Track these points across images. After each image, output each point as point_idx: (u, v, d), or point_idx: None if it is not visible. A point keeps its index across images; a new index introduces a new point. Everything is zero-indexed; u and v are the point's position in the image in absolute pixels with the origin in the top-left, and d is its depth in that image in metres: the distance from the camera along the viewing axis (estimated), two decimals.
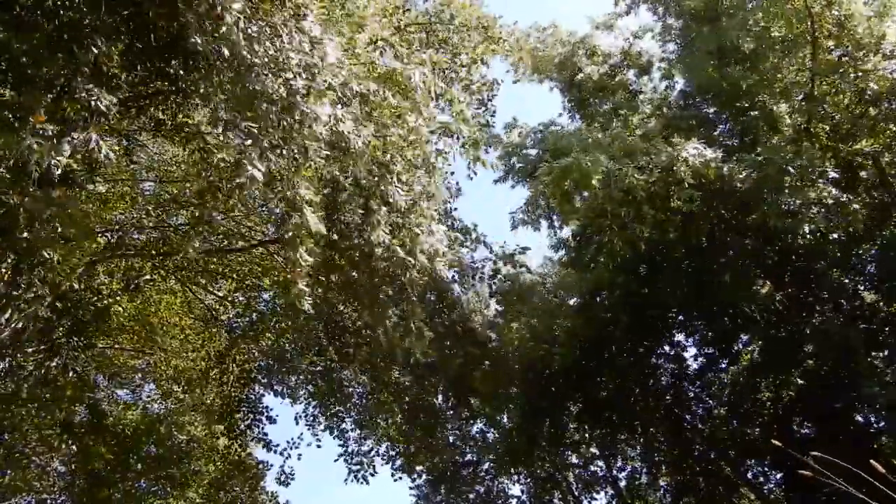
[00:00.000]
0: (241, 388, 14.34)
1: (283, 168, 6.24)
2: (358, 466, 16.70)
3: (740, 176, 11.55)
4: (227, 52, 5.51)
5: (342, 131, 6.41)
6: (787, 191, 11.55)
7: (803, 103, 13.02)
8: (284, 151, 6.14)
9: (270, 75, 5.86)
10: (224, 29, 5.42)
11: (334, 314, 12.46)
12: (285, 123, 6.01)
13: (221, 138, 6.36)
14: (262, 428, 15.02)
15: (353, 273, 8.87)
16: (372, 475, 16.73)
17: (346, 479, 16.69)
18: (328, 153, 6.51)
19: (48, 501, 14.19)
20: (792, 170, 11.40)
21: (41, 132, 4.82)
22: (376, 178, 7.41)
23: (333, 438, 16.63)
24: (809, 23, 12.35)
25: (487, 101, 13.80)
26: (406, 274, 7.89)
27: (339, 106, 6.57)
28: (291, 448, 16.08)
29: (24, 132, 4.71)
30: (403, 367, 15.38)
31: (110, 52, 5.40)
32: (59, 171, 5.11)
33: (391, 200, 7.49)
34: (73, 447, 12.72)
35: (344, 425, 16.70)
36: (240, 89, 5.73)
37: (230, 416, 14.27)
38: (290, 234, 6.21)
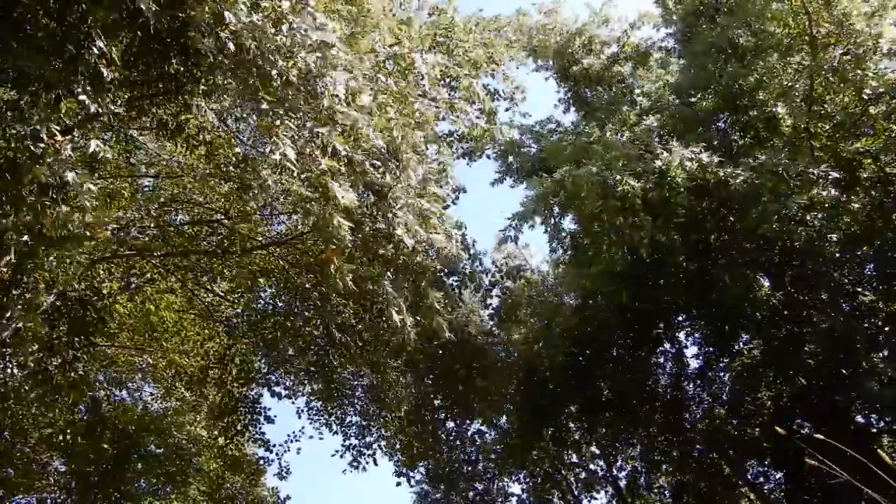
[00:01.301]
0: (241, 387, 14.34)
1: (306, 144, 6.26)
2: (358, 455, 16.79)
3: (735, 182, 11.54)
4: (232, 47, 5.50)
5: (360, 104, 6.41)
6: (782, 198, 11.54)
7: (803, 103, 13.00)
8: (306, 130, 6.17)
9: (280, 60, 5.85)
10: (229, 19, 5.41)
11: (335, 312, 12.44)
12: (304, 101, 6.02)
13: (228, 132, 6.37)
14: (260, 427, 15.04)
15: (366, 258, 8.79)
16: (375, 464, 16.80)
17: (344, 471, 16.79)
18: (350, 122, 6.48)
19: (48, 500, 14.19)
20: (787, 175, 11.39)
21: (50, 143, 4.82)
22: (388, 161, 7.37)
23: (333, 435, 16.71)
24: (808, 22, 12.34)
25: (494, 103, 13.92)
26: (419, 258, 7.88)
27: (353, 81, 6.56)
28: (292, 441, 16.18)
29: (31, 140, 4.71)
30: (404, 368, 15.40)
31: (110, 51, 5.38)
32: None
33: (406, 183, 7.45)
34: (73, 446, 12.71)
35: (346, 419, 16.77)
36: (251, 75, 5.73)
37: (228, 415, 14.27)
38: (320, 210, 6.19)
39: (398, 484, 17.91)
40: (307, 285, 12.10)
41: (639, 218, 11.85)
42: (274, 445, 15.77)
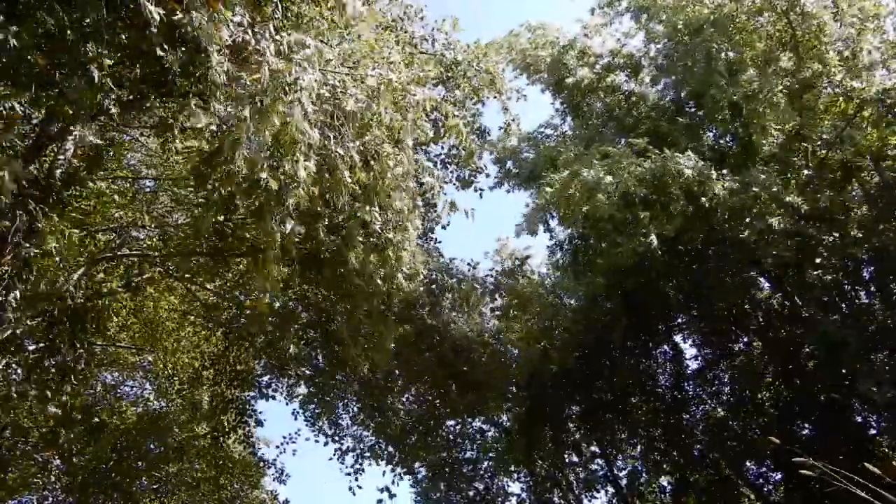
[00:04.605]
0: (236, 388, 14.32)
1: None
2: (356, 461, 16.78)
3: (723, 193, 11.68)
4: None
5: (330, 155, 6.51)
6: (766, 217, 11.71)
7: (795, 113, 13.05)
8: None
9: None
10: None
11: (324, 320, 12.45)
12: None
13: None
14: (249, 430, 14.99)
15: (334, 291, 9.01)
16: (376, 465, 16.78)
17: (347, 475, 16.70)
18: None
19: (49, 499, 14.19)
20: (773, 195, 11.54)
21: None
22: (357, 203, 7.51)
23: (326, 443, 16.69)
24: (791, 38, 12.48)
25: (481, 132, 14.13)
26: (383, 290, 8.05)
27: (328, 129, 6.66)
28: (287, 443, 16.20)
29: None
30: (402, 370, 15.41)
31: (109, 51, 5.39)
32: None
33: (375, 223, 7.59)
34: (73, 445, 12.72)
35: (341, 422, 16.77)
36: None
37: (220, 416, 14.27)
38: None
39: (379, 501, 17.44)
40: (306, 287, 12.09)
41: (641, 218, 11.97)
42: (266, 445, 15.83)
